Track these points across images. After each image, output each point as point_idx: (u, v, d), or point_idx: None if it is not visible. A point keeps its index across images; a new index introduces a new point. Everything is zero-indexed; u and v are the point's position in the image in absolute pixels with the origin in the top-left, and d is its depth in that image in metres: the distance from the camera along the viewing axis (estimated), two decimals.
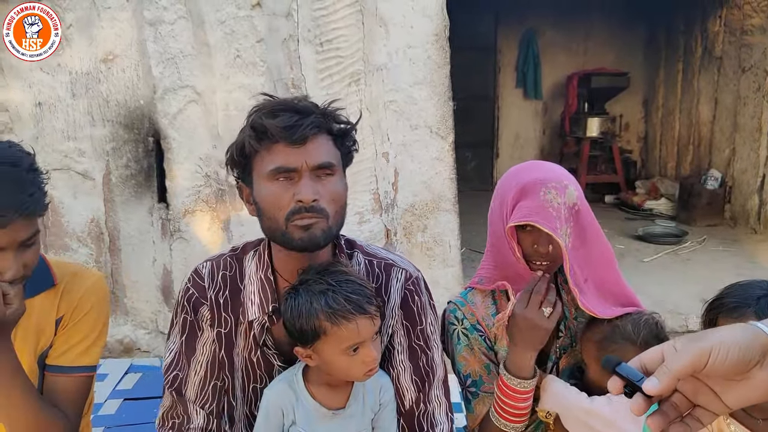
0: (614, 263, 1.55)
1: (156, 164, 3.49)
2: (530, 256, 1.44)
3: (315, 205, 1.21)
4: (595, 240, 1.49)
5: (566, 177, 1.43)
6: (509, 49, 7.63)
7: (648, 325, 1.43)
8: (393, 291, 1.40)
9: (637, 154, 7.70)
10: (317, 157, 1.23)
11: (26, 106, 3.36)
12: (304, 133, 1.21)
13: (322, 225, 1.23)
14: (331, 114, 1.30)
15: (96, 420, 1.85)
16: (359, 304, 1.21)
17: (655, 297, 3.87)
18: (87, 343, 1.44)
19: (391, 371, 1.40)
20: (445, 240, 3.58)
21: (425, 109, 3.45)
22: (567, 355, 1.58)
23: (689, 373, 0.74)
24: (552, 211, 1.36)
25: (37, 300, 1.40)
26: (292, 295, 1.26)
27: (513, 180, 1.44)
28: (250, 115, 1.26)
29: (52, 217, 3.47)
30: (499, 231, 1.46)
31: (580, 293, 1.43)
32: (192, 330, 1.35)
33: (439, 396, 1.42)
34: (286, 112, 1.23)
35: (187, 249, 3.51)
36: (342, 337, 1.21)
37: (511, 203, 1.41)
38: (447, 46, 3.42)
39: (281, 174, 1.22)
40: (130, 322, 3.56)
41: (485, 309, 1.56)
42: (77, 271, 1.48)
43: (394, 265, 1.43)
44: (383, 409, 1.36)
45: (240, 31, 3.33)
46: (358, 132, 3.55)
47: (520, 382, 1.42)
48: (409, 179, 3.50)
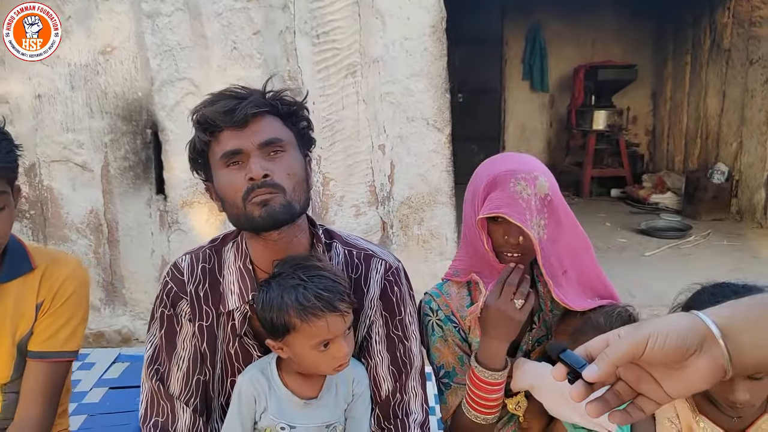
0: (592, 254, 1.54)
1: (154, 156, 3.51)
2: (501, 247, 1.43)
3: (267, 181, 1.21)
4: (571, 231, 1.49)
5: (537, 168, 1.42)
6: (516, 41, 7.59)
7: (621, 317, 1.43)
8: (372, 282, 1.40)
9: (645, 147, 7.64)
10: (262, 135, 1.23)
11: (26, 98, 3.39)
12: (244, 112, 1.21)
13: (280, 199, 1.22)
14: (275, 95, 1.29)
15: (79, 408, 1.87)
16: (330, 302, 1.20)
17: (654, 291, 3.85)
18: (70, 329, 1.46)
19: (369, 361, 1.40)
20: (442, 233, 3.58)
21: (422, 101, 3.44)
22: (540, 347, 1.57)
23: (627, 360, 0.74)
24: (522, 202, 1.35)
25: (14, 284, 1.42)
26: (265, 288, 1.26)
27: (485, 172, 1.44)
28: (194, 112, 1.26)
29: (52, 208, 3.50)
30: (471, 222, 1.46)
31: (556, 285, 1.43)
32: (171, 325, 1.36)
33: (416, 387, 1.42)
34: (225, 99, 1.23)
35: (185, 240, 3.53)
36: (311, 333, 1.21)
37: (482, 195, 1.41)
38: (444, 38, 3.41)
39: (231, 158, 1.22)
40: (129, 313, 3.60)
41: (460, 300, 1.56)
42: (56, 256, 1.50)
43: (373, 255, 1.43)
44: (356, 400, 1.36)
45: (237, 23, 3.34)
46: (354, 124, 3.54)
47: (491, 373, 1.42)
48: (405, 172, 3.50)
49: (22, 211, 3.50)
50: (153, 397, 1.35)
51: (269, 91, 1.28)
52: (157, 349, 1.36)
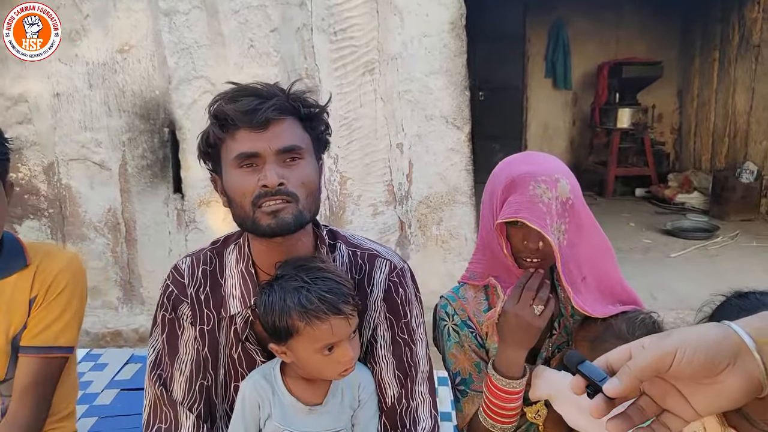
0: (614, 259, 1.47)
1: (171, 155, 3.50)
2: (520, 252, 1.37)
3: (281, 189, 1.17)
4: (592, 235, 1.42)
5: (559, 170, 1.36)
6: (538, 38, 7.48)
7: (644, 324, 1.36)
8: (376, 283, 1.35)
9: (671, 146, 7.49)
10: (281, 141, 1.19)
11: (44, 97, 3.40)
12: (265, 116, 1.17)
13: (292, 209, 1.18)
14: (297, 96, 1.24)
15: (91, 410, 1.85)
16: (333, 304, 1.16)
17: (678, 293, 3.75)
18: (62, 323, 1.42)
19: (373, 366, 1.35)
20: (461, 233, 3.52)
21: (441, 99, 3.38)
22: (561, 354, 1.51)
23: (652, 373, 0.69)
24: (542, 206, 1.29)
25: (9, 280, 1.40)
26: (266, 291, 1.22)
27: (503, 173, 1.38)
28: (213, 103, 1.22)
29: (70, 206, 3.51)
30: (489, 226, 1.40)
31: (575, 292, 1.36)
32: (172, 328, 1.32)
33: (423, 392, 1.36)
34: (246, 97, 1.19)
35: (202, 240, 3.51)
36: (315, 337, 1.17)
37: (501, 198, 1.35)
38: (463, 34, 3.35)
39: (245, 160, 1.18)
40: (146, 312, 3.59)
41: (477, 305, 1.50)
42: (51, 250, 1.48)
43: (378, 255, 1.38)
44: (362, 406, 1.32)
45: (254, 20, 3.31)
46: (372, 122, 3.51)
47: (509, 382, 1.36)
48: (423, 171, 3.44)
49: (40, 209, 3.51)
50: (156, 403, 1.31)
51: (293, 93, 1.24)
52: (159, 354, 1.33)
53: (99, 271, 3.58)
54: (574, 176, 1.41)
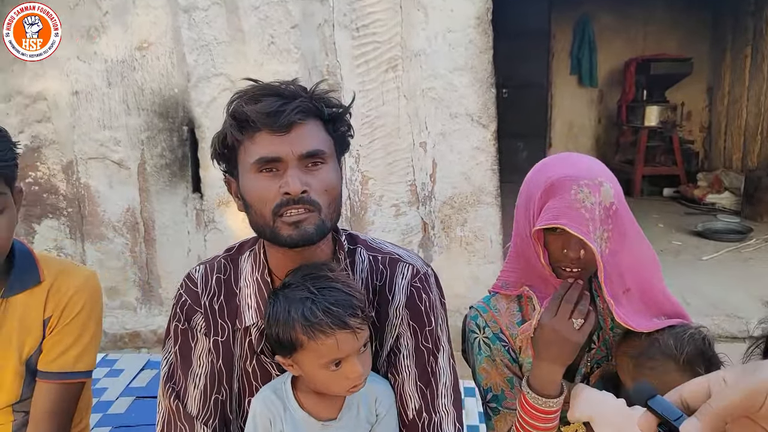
0: (659, 269, 1.37)
1: (190, 154, 3.44)
2: (558, 261, 1.27)
3: (304, 197, 1.09)
4: (636, 244, 1.32)
5: (602, 173, 1.26)
6: (563, 34, 7.33)
7: (693, 339, 1.25)
8: (397, 288, 1.26)
9: (700, 144, 7.29)
10: (304, 145, 1.10)
11: (63, 95, 3.36)
12: (288, 119, 1.09)
13: (314, 219, 1.11)
14: (321, 97, 1.16)
15: (104, 419, 1.79)
16: (339, 318, 1.07)
17: (712, 298, 3.61)
18: (80, 347, 1.36)
19: (395, 377, 1.27)
20: (486, 235, 3.41)
21: (466, 96, 3.28)
22: (600, 369, 1.41)
23: (740, 413, 0.59)
24: (584, 212, 1.19)
25: (21, 297, 1.33)
26: (272, 301, 1.15)
27: (541, 176, 1.27)
28: (231, 102, 1.14)
29: (89, 206, 3.47)
30: (525, 232, 1.30)
31: (617, 304, 1.26)
32: (186, 339, 1.25)
33: (447, 405, 1.27)
34: (268, 97, 1.10)
35: (221, 240, 3.45)
36: (320, 352, 1.09)
37: (539, 203, 1.25)
38: (490, 30, 3.24)
39: (265, 165, 1.10)
40: (165, 313, 3.54)
41: (510, 316, 1.40)
42: (66, 268, 1.40)
43: (399, 260, 1.29)
44: (380, 421, 1.23)
45: (274, 16, 3.24)
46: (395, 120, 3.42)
47: (545, 400, 1.26)
48: (447, 170, 3.35)
49: (59, 208, 3.48)
50: (170, 417, 1.24)
51: (316, 93, 1.16)
52: (173, 367, 1.25)
53: (117, 271, 3.54)
54: (617, 179, 1.31)
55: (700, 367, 1.22)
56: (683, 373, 1.22)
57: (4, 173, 1.21)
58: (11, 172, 1.23)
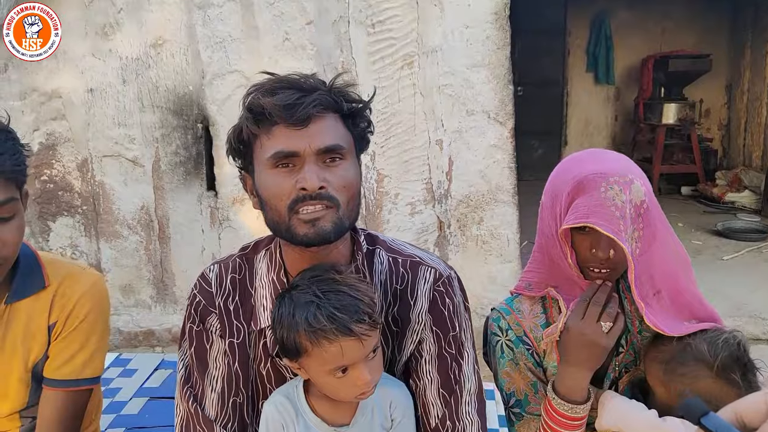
0: (690, 271, 1.32)
1: (205, 151, 3.42)
2: (587, 261, 1.23)
3: (322, 193, 1.05)
4: (667, 244, 1.27)
5: (632, 170, 1.21)
6: (579, 31, 7.25)
7: (728, 345, 1.20)
8: (420, 293, 1.22)
9: (718, 142, 7.19)
10: (322, 140, 1.07)
11: (78, 93, 3.35)
12: (306, 112, 1.05)
13: (332, 216, 1.07)
14: (340, 91, 1.12)
15: (117, 420, 1.77)
16: (344, 324, 1.03)
17: (734, 299, 3.54)
18: (87, 354, 1.32)
19: (417, 383, 1.23)
20: (503, 233, 3.36)
21: (483, 93, 3.23)
22: (629, 374, 1.36)
23: None
24: (615, 210, 1.14)
25: (25, 303, 1.30)
26: (278, 302, 1.11)
27: (568, 173, 1.23)
28: (248, 95, 1.10)
29: (103, 204, 3.46)
30: (551, 231, 1.26)
31: (646, 307, 1.22)
32: (201, 341, 1.22)
33: (471, 413, 1.23)
34: (286, 90, 1.06)
35: (236, 239, 3.43)
36: (324, 359, 1.05)
37: (566, 201, 1.20)
38: (507, 26, 3.19)
39: (282, 160, 1.06)
40: (179, 311, 3.52)
41: (533, 318, 1.36)
42: (72, 272, 1.36)
43: (421, 263, 1.25)
44: (396, 426, 1.19)
45: (289, 12, 3.20)
46: (410, 118, 3.37)
47: (572, 406, 1.22)
48: (464, 168, 3.30)
49: (74, 206, 3.47)
50: (189, 421, 1.21)
51: (335, 86, 1.12)
52: (189, 369, 1.22)
53: (132, 269, 3.53)
54: (646, 177, 1.26)
55: (735, 374, 1.17)
56: (717, 381, 1.17)
57: (15, 178, 1.18)
58: (22, 175, 1.20)
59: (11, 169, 1.16)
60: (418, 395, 1.23)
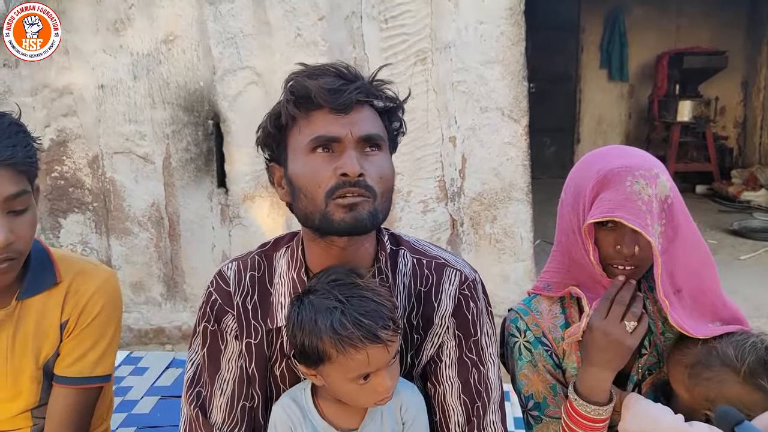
0: (714, 269, 1.27)
1: (216, 148, 3.40)
2: (611, 258, 1.19)
3: (361, 181, 1.03)
4: (690, 241, 1.23)
5: (656, 164, 1.17)
6: (593, 27, 7.18)
7: (755, 349, 1.16)
8: (444, 296, 1.19)
9: (734, 140, 7.10)
10: (364, 128, 1.05)
11: (89, 89, 3.34)
12: (350, 97, 1.03)
13: (368, 206, 1.04)
14: (381, 85, 1.11)
15: (129, 419, 1.75)
16: (371, 330, 1.00)
17: (752, 300, 3.48)
18: (99, 351, 1.30)
19: (437, 387, 1.20)
20: (516, 232, 3.32)
21: (497, 90, 3.19)
22: (652, 377, 1.32)
23: None
24: (642, 204, 1.11)
25: (37, 299, 1.27)
26: (296, 306, 1.08)
27: (592, 168, 1.19)
28: (289, 80, 1.08)
29: (114, 200, 3.44)
30: (572, 228, 1.22)
31: (670, 306, 1.18)
32: (215, 342, 1.18)
33: (495, 422, 1.20)
34: (329, 76, 1.05)
35: (247, 236, 3.41)
36: (349, 366, 1.02)
37: (590, 195, 1.16)
38: (522, 21, 3.15)
39: (322, 144, 1.04)
40: (189, 309, 3.51)
41: (552, 319, 1.32)
42: (85, 268, 1.34)
43: (447, 265, 1.22)
44: (408, 429, 1.16)
45: (301, 8, 3.18)
46: (423, 115, 3.33)
47: (594, 408, 1.18)
48: (477, 166, 3.26)
49: (85, 203, 3.46)
50: (192, 426, 1.18)
51: (377, 80, 1.11)
52: (199, 369, 1.19)
53: (142, 267, 3.51)
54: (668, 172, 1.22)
55: (763, 380, 1.13)
56: (744, 386, 1.13)
57: (27, 171, 1.17)
58: (34, 168, 1.19)
59: (23, 161, 1.15)
60: (436, 400, 1.20)
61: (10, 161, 1.12)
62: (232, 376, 1.17)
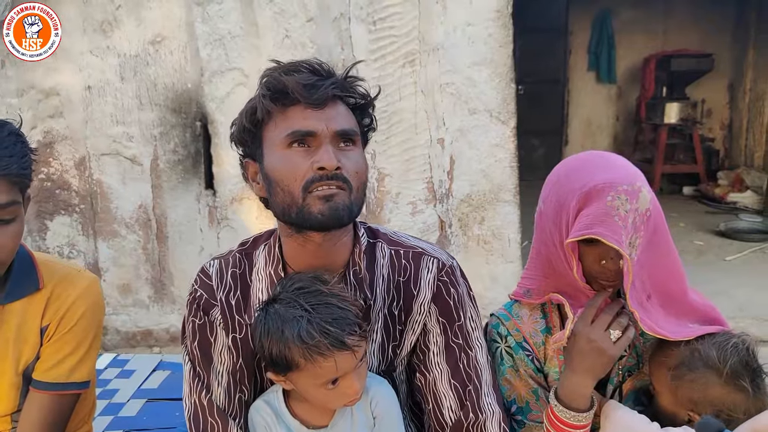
0: (684, 275, 1.28)
1: (203, 150, 3.39)
2: (596, 273, 1.19)
3: (338, 174, 1.05)
4: (663, 248, 1.23)
5: (639, 177, 1.17)
6: (581, 30, 7.21)
7: (737, 350, 1.17)
8: (423, 284, 1.21)
9: (721, 142, 7.15)
10: (339, 123, 1.08)
11: (76, 90, 3.32)
12: (326, 93, 1.06)
13: (345, 198, 1.06)
14: (353, 82, 1.14)
15: (115, 422, 1.75)
16: (338, 338, 1.02)
17: (738, 300, 3.51)
18: (77, 357, 1.29)
19: (426, 375, 1.22)
20: (504, 233, 3.34)
21: (485, 92, 3.20)
22: (632, 378, 1.33)
23: None
24: (618, 220, 1.11)
25: (19, 305, 1.27)
26: (263, 314, 1.09)
27: (574, 183, 1.17)
28: (264, 75, 1.10)
29: (101, 202, 3.43)
30: (554, 241, 1.21)
31: (643, 313, 1.18)
32: (204, 335, 1.19)
33: (492, 403, 1.21)
34: (305, 71, 1.08)
35: (235, 238, 3.40)
36: (317, 373, 1.05)
37: (573, 212, 1.15)
38: (510, 24, 3.16)
39: (298, 139, 1.06)
40: (177, 311, 3.49)
41: (533, 324, 1.33)
42: (67, 274, 1.33)
43: (423, 253, 1.24)
44: (380, 422, 1.17)
45: (289, 10, 3.17)
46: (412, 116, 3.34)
47: (574, 415, 1.19)
48: (466, 167, 3.27)
49: (71, 204, 3.44)
50: (200, 415, 1.17)
51: (350, 76, 1.13)
52: (194, 364, 1.20)
53: (130, 269, 3.50)
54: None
55: (744, 380, 1.15)
56: (726, 387, 1.15)
57: (20, 182, 1.17)
58: (28, 179, 1.19)
59: (17, 173, 1.15)
60: (428, 388, 1.22)
61: (4, 172, 1.12)
62: (225, 367, 1.19)
